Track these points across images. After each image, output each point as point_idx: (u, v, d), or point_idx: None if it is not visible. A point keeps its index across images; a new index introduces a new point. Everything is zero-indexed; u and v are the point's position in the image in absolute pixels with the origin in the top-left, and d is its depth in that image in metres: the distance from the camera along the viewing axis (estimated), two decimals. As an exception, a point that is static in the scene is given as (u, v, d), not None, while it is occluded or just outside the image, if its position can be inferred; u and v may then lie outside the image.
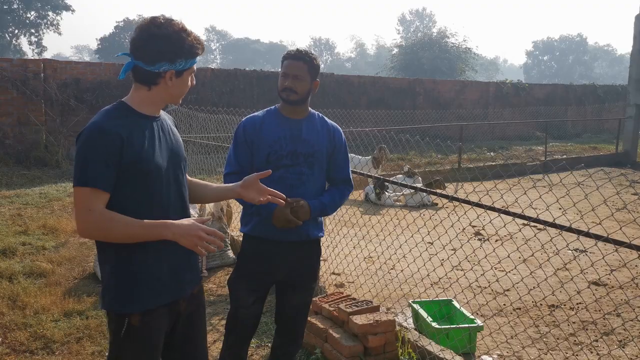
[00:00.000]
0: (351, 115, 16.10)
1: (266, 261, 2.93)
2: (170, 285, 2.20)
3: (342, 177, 3.07)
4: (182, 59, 2.11)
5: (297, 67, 2.83)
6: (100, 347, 4.07)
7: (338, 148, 3.02)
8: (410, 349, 3.90)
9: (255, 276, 2.95)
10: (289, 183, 2.84)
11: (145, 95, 2.15)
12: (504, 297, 5.05)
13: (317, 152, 2.91)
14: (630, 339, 4.46)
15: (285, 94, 2.85)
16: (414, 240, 4.91)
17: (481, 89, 22.51)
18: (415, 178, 10.53)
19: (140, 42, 2.09)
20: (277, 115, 2.95)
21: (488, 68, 73.50)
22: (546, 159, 14.47)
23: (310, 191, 2.90)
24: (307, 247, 3.03)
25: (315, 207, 2.86)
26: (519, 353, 4.17)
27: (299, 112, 2.93)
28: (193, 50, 2.14)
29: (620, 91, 25.29)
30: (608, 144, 18.78)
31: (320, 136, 2.95)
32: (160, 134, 2.20)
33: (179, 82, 2.16)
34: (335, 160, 3.02)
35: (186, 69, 2.14)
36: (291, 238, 2.91)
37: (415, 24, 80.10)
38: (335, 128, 3.05)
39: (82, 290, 5.15)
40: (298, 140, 2.88)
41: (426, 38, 38.52)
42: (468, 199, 3.68)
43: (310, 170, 2.90)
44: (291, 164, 2.85)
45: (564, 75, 75.66)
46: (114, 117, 2.08)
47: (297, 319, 3.12)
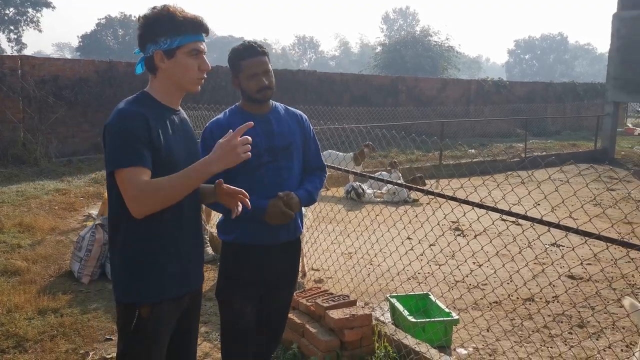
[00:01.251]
0: (334, 113, 16.12)
1: (259, 268, 2.82)
2: (179, 278, 2.19)
3: (317, 164, 2.99)
4: (165, 37, 2.05)
5: (263, 62, 2.72)
6: (75, 345, 4.03)
7: (309, 135, 2.95)
8: (387, 342, 3.92)
9: (249, 285, 2.83)
10: (272, 180, 2.75)
11: (156, 84, 2.13)
12: (480, 291, 5.10)
13: (293, 143, 2.83)
14: (601, 330, 4.53)
15: (261, 95, 2.73)
16: (391, 234, 4.93)
17: (463, 86, 22.66)
18: (394, 173, 10.56)
19: (137, 32, 2.12)
20: (242, 114, 2.79)
21: (471, 66, 73.98)
22: (526, 156, 14.61)
23: (294, 183, 2.83)
24: (295, 246, 2.98)
25: (303, 197, 2.79)
26: (493, 345, 4.21)
27: (263, 107, 2.83)
28: (177, 27, 2.06)
29: (599, 89, 25.61)
30: (587, 141, 19.01)
31: (291, 126, 2.86)
32: (180, 128, 2.19)
33: (174, 64, 2.09)
34: (309, 148, 2.95)
35: (174, 47, 2.06)
36: (282, 239, 2.83)
37: (398, 22, 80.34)
38: (301, 114, 2.98)
39: (58, 288, 5.10)
40: (272, 135, 2.78)
41: (409, 36, 38.73)
42: (443, 193, 3.70)
43: (290, 162, 2.81)
44: (270, 160, 2.75)
45: (545, 73, 76.44)
46: (138, 104, 2.07)
47: (281, 318, 3.08)
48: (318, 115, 15.26)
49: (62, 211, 8.20)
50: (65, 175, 10.99)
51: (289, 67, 45.87)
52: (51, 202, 8.69)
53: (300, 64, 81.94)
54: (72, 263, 5.51)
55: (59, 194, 9.22)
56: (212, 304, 4.78)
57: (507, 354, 4.07)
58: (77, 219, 7.83)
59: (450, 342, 4.23)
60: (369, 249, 5.22)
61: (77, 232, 6.42)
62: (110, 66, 13.92)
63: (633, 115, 28.55)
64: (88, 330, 4.27)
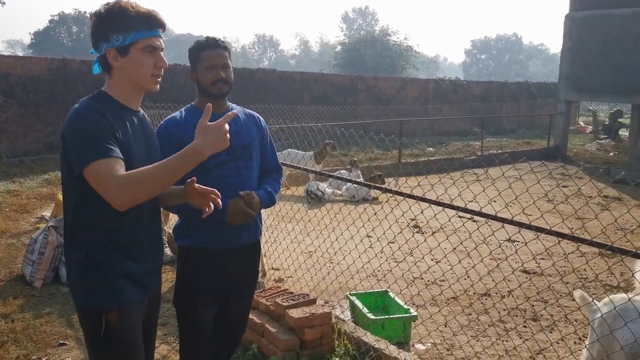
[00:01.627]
0: (294, 111, 16.11)
1: (219, 273, 2.74)
2: (142, 280, 2.12)
3: (274, 166, 2.97)
4: (116, 33, 1.96)
5: (222, 55, 2.67)
6: (26, 351, 3.91)
7: (266, 136, 2.93)
8: (347, 340, 3.95)
9: (209, 291, 2.75)
10: (231, 180, 2.69)
11: (113, 84, 2.04)
12: (437, 287, 5.19)
13: (252, 143, 2.80)
14: (554, 323, 4.67)
15: (217, 87, 2.66)
16: (350, 232, 4.96)
17: (421, 86, 22.96)
18: (354, 171, 10.63)
19: (89, 30, 2.03)
20: (197, 113, 2.66)
21: (429, 66, 74.96)
22: (482, 154, 14.91)
23: (254, 184, 2.79)
24: (256, 249, 2.92)
25: (264, 197, 2.75)
26: (451, 340, 4.28)
27: (221, 106, 2.74)
28: (129, 23, 1.97)
29: (552, 88, 26.34)
30: (540, 139, 19.53)
31: (249, 126, 2.83)
32: (140, 129, 2.10)
33: (129, 62, 1.99)
34: (266, 149, 2.91)
35: (127, 44, 1.97)
36: (243, 241, 2.78)
37: (358, 22, 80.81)
38: (258, 116, 2.95)
39: (8, 293, 4.94)
40: (230, 134, 2.76)
41: (369, 36, 39.09)
42: (401, 191, 3.74)
43: (249, 162, 2.77)
44: (229, 159, 2.69)
45: (501, 73, 78.16)
46: (95, 103, 1.98)
47: (241, 321, 3.02)
48: (278, 114, 15.22)
49: (13, 213, 7.94)
50: (16, 176, 10.65)
51: (248, 65, 45.56)
52: (1, 203, 8.41)
53: (260, 63, 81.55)
54: (23, 266, 5.35)
55: (10, 196, 8.93)
56: (170, 306, 4.70)
57: (463, 348, 4.15)
58: (30, 221, 7.59)
59: (409, 338, 4.29)
60: (329, 247, 5.24)
61: (30, 235, 6.22)
62: (64, 64, 13.55)
63: (584, 113, 29.46)
64: (41, 336, 4.15)
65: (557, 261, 5.63)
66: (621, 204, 9.48)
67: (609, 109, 25.24)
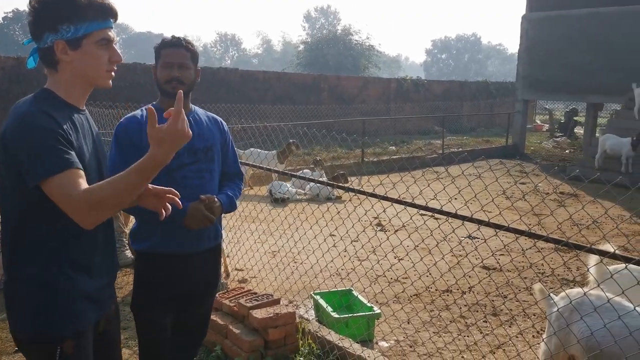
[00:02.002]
0: (257, 111, 16.04)
1: (178, 278, 2.66)
2: (97, 299, 1.93)
3: (235, 170, 2.93)
4: (68, 24, 1.74)
5: (180, 55, 2.62)
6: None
7: (228, 140, 2.88)
8: (311, 339, 3.96)
9: (167, 297, 2.68)
10: (192, 182, 2.63)
11: (58, 79, 1.82)
12: (400, 284, 5.24)
13: (214, 146, 2.74)
14: (513, 317, 4.78)
15: (170, 85, 2.59)
16: (313, 232, 4.97)
17: (383, 85, 23.14)
18: (317, 171, 10.65)
19: (29, 18, 1.79)
20: (161, 112, 2.69)
21: (391, 65, 75.70)
22: (444, 152, 15.14)
23: (215, 187, 2.74)
24: (216, 253, 2.87)
25: (225, 202, 2.70)
26: (413, 337, 4.34)
27: (184, 107, 2.74)
28: (83, 12, 1.75)
29: (510, 87, 26.91)
30: (499, 137, 19.93)
31: (211, 128, 2.77)
32: (87, 130, 1.90)
33: (80, 55, 1.78)
34: (227, 153, 2.86)
35: (79, 36, 1.77)
36: (203, 246, 2.71)
37: (320, 21, 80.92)
38: (220, 120, 2.90)
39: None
40: (192, 135, 2.70)
41: (331, 35, 39.25)
42: (363, 190, 3.77)
43: (211, 165, 2.72)
44: (190, 161, 2.63)
45: (461, 72, 79.54)
46: (41, 104, 1.76)
47: (203, 325, 2.96)
48: (241, 114, 15.12)
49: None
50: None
51: (210, 65, 45.16)
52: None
53: (223, 62, 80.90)
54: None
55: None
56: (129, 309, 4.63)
57: (426, 344, 4.21)
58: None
59: (372, 336, 4.33)
60: (292, 246, 5.24)
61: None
62: (19, 62, 13.15)
63: (541, 112, 30.20)
64: (-4, 343, 4.03)
65: (515, 257, 5.76)
66: (577, 200, 9.77)
67: (564, 108, 25.93)
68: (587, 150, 14.08)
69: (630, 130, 12.41)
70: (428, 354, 4.09)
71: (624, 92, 13.90)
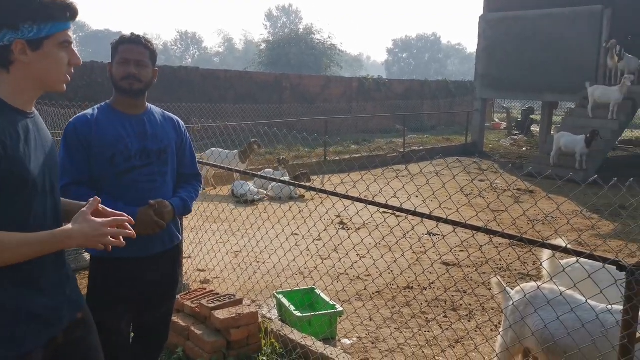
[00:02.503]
0: (218, 110, 15.92)
1: (131, 283, 2.61)
2: (48, 317, 1.77)
3: (193, 171, 2.87)
4: (30, 22, 1.63)
5: (138, 52, 2.56)
6: None
7: (185, 141, 2.82)
8: (274, 339, 3.97)
9: (121, 301, 2.62)
10: (144, 186, 2.57)
11: (8, 81, 1.66)
12: (362, 282, 5.30)
13: (168, 148, 2.67)
14: (471, 312, 4.89)
15: (127, 82, 2.53)
16: (275, 231, 4.98)
17: (345, 84, 23.26)
18: (281, 170, 10.65)
19: None
20: (113, 112, 2.62)
21: (352, 64, 76.12)
22: (405, 151, 15.33)
23: (168, 191, 2.68)
24: (171, 256, 2.79)
25: (178, 206, 2.63)
26: (375, 334, 4.40)
27: (138, 107, 2.64)
28: (47, 12, 1.65)
29: (468, 86, 27.42)
30: (459, 135, 20.30)
31: (167, 130, 2.71)
32: (36, 135, 1.75)
33: (40, 57, 1.67)
34: (184, 154, 2.81)
35: (42, 36, 1.65)
36: (156, 250, 2.65)
37: (282, 20, 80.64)
38: (178, 120, 2.84)
39: None
40: (145, 137, 2.60)
41: (293, 34, 39.24)
42: (324, 189, 3.80)
43: (164, 168, 2.65)
44: (142, 164, 2.57)
45: (422, 72, 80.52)
46: None
47: (163, 329, 2.92)
48: (202, 113, 14.98)
49: None
50: None
51: (170, 63, 44.56)
52: None
53: (183, 61, 79.82)
54: None
55: None
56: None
57: (387, 340, 4.27)
58: None
59: (335, 333, 4.36)
60: (255, 246, 5.24)
61: None
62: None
63: (499, 110, 30.85)
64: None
65: (473, 253, 5.89)
66: (533, 196, 10.03)
67: (521, 106, 26.56)
68: (542, 147, 14.47)
69: (584, 128, 12.82)
70: (390, 350, 4.15)
71: (577, 91, 14.35)
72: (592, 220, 8.39)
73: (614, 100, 12.80)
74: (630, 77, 12.84)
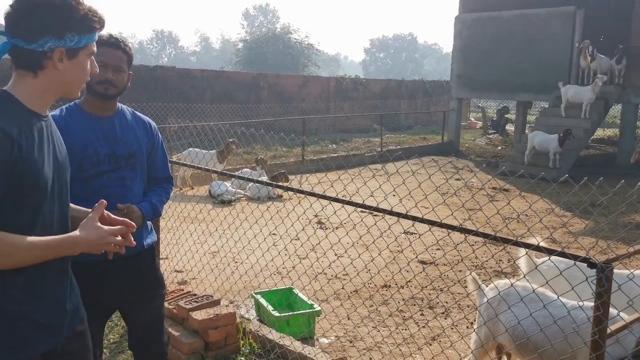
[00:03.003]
0: (195, 110, 15.82)
1: (98, 288, 2.50)
2: (49, 325, 1.76)
3: (164, 175, 2.81)
4: (73, 33, 1.69)
5: (117, 57, 2.50)
6: None
7: (157, 144, 2.76)
8: (252, 339, 3.98)
9: (89, 306, 2.44)
10: (113, 191, 2.51)
11: (32, 85, 1.69)
12: (340, 281, 5.33)
13: (138, 152, 2.62)
14: (447, 310, 4.95)
15: (103, 87, 2.48)
16: (253, 231, 4.98)
17: (323, 83, 23.29)
18: (259, 170, 10.64)
19: (18, 13, 1.65)
20: (82, 114, 2.55)
21: (330, 64, 76.37)
22: (382, 150, 15.41)
23: (137, 195, 2.63)
24: (144, 257, 2.70)
25: (147, 211, 2.57)
26: (353, 332, 4.43)
27: (109, 108, 2.58)
28: (88, 23, 1.72)
29: (445, 86, 27.66)
30: (436, 134, 20.48)
31: (138, 133, 2.65)
32: (50, 138, 1.76)
33: (74, 65, 1.72)
34: (155, 157, 2.75)
35: (80, 47, 1.72)
36: (126, 253, 2.56)
37: (259, 19, 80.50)
38: (150, 122, 2.77)
39: None
40: (114, 141, 2.55)
41: (270, 33, 39.16)
42: (302, 189, 3.81)
43: (134, 172, 2.60)
44: (111, 168, 2.51)
45: (398, 71, 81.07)
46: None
47: (155, 335, 2.77)
48: (179, 113, 14.88)
49: None
50: None
51: (146, 62, 44.06)
52: None
53: (159, 60, 79.05)
54: None
55: None
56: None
57: (365, 339, 4.31)
58: None
59: (313, 333, 4.38)
60: (233, 246, 5.23)
61: None
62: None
63: (475, 110, 31.19)
64: None
65: (449, 251, 5.96)
66: (508, 195, 10.18)
67: (497, 106, 26.88)
68: (517, 146, 14.67)
69: (557, 127, 13.05)
70: (367, 348, 4.18)
71: (551, 90, 14.59)
72: (565, 218, 8.54)
73: (587, 100, 13.04)
74: (603, 77, 13.10)
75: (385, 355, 4.07)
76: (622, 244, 6.75)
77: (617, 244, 6.74)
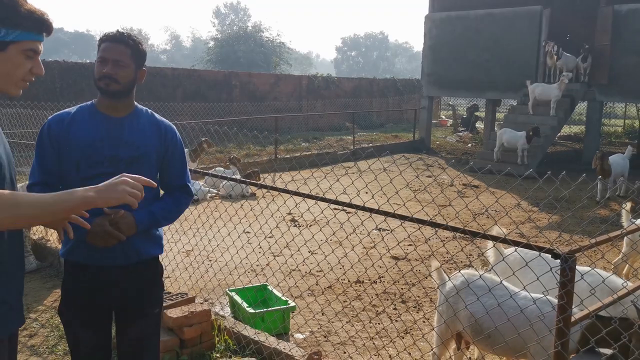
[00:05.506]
0: (166, 109, 15.69)
1: (91, 291, 2.45)
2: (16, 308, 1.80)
3: (179, 184, 2.62)
4: (0, 25, 1.68)
5: (118, 51, 2.38)
6: None
7: (172, 150, 2.58)
8: (227, 336, 4.01)
9: (87, 309, 2.47)
10: None
11: None
12: (313, 277, 5.39)
13: (144, 156, 2.47)
14: (419, 303, 5.06)
15: (103, 82, 2.38)
16: (227, 229, 5.01)
17: (295, 82, 23.31)
18: (232, 168, 10.63)
19: None
20: (92, 113, 2.46)
21: (302, 62, 76.31)
22: (354, 148, 15.52)
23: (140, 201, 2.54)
24: (142, 269, 2.53)
25: (141, 218, 2.39)
26: (327, 327, 4.50)
27: (121, 109, 2.48)
28: (21, 20, 1.70)
29: (416, 84, 27.92)
30: (407, 132, 20.70)
31: (148, 136, 2.50)
32: None
33: (3, 59, 1.71)
34: (169, 164, 2.58)
35: (8, 40, 1.70)
36: (118, 262, 2.44)
37: (230, 17, 79.89)
38: (168, 126, 2.59)
39: None
40: (119, 143, 2.43)
41: (242, 32, 39.01)
42: (276, 186, 3.86)
43: None
44: (112, 171, 2.29)
45: (370, 69, 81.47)
46: None
47: (146, 346, 2.61)
48: (149, 112, 14.70)
49: None
50: None
51: (116, 60, 43.28)
52: None
53: (129, 58, 77.82)
54: None
55: None
56: (37, 315, 4.47)
57: (339, 333, 4.38)
58: None
59: (288, 328, 4.44)
60: (207, 244, 5.24)
61: None
62: None
63: (445, 108, 31.56)
64: None
65: (420, 246, 6.07)
66: (477, 190, 10.38)
67: (466, 104, 27.27)
68: (487, 143, 14.94)
69: (525, 124, 13.34)
70: (341, 343, 4.25)
71: (519, 88, 14.89)
72: (532, 212, 8.76)
73: (554, 98, 13.36)
74: (569, 74, 13.44)
75: (359, 349, 4.15)
76: (586, 237, 6.96)
77: (581, 236, 6.95)
